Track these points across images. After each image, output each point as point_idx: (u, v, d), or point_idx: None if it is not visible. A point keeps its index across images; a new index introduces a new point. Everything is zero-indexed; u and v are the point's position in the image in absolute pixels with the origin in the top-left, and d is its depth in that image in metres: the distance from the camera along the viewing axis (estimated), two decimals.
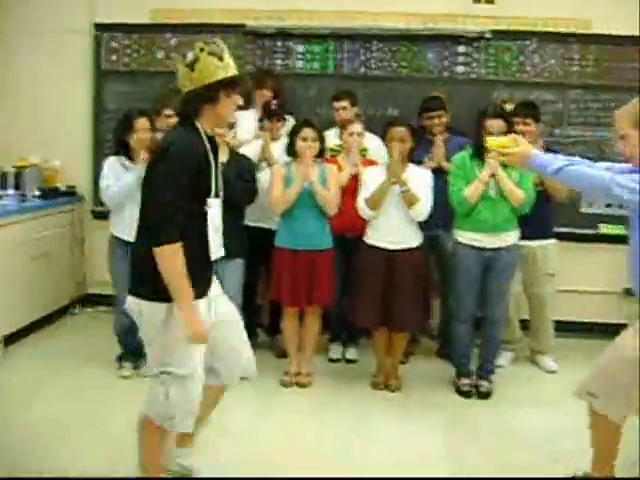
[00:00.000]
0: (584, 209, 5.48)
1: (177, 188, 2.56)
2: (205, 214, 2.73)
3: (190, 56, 2.63)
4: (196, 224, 2.70)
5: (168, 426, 2.78)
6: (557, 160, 2.82)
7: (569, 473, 3.19)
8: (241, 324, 3.03)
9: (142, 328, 2.77)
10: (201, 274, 2.72)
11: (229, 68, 2.65)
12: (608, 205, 5.39)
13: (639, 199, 2.65)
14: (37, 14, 5.71)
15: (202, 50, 2.61)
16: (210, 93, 2.64)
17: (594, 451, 3.02)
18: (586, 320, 5.55)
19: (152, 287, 2.64)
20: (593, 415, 2.97)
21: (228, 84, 2.65)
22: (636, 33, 5.27)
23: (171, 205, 2.55)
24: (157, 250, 2.56)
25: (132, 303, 2.73)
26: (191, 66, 2.62)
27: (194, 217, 2.68)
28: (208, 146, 2.71)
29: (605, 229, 5.48)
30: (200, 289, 2.69)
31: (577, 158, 3.08)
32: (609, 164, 3.09)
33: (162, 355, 2.70)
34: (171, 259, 2.56)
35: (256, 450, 3.47)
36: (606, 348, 2.97)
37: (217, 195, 2.79)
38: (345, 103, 4.83)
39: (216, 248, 2.89)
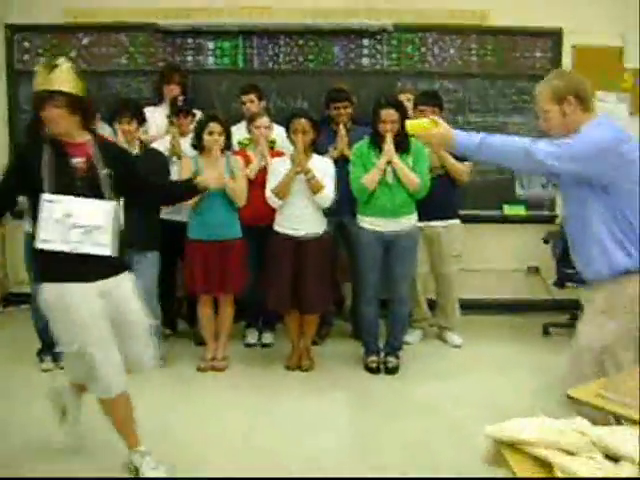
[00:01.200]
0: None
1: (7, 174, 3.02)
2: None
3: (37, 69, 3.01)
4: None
5: (90, 393, 3.11)
6: (477, 135, 2.82)
7: (463, 439, 3.41)
8: (145, 325, 3.24)
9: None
10: (46, 259, 2.93)
11: (50, 81, 2.94)
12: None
13: (577, 166, 2.65)
14: None
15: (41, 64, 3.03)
16: (35, 103, 3.02)
17: None
18: (492, 297, 5.84)
19: (36, 269, 2.95)
20: None
21: (48, 96, 2.94)
22: (530, 24, 5.58)
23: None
24: None
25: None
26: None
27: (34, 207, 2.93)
28: (46, 149, 2.96)
29: (508, 210, 5.78)
30: (53, 272, 2.93)
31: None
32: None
33: (59, 334, 3.00)
34: None
35: (172, 435, 3.60)
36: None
37: (88, 196, 2.98)
38: (252, 96, 5.00)
39: (91, 244, 2.99)
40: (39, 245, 2.91)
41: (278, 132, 4.83)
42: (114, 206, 3.05)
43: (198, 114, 4.93)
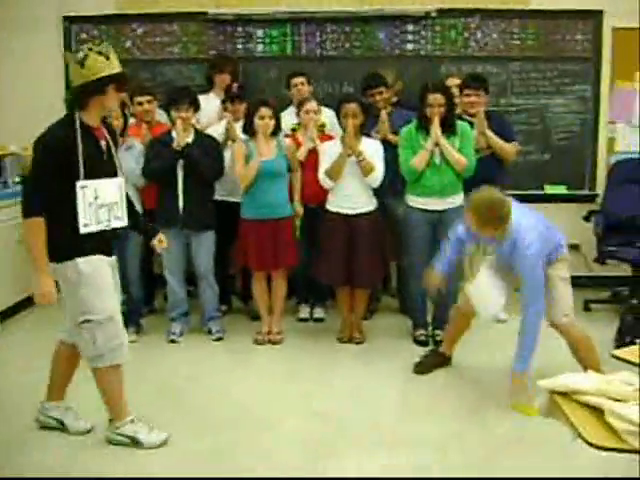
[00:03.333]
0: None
1: (42, 172, 3.06)
2: (73, 192, 3.09)
3: (80, 55, 3.08)
4: (68, 199, 3.09)
5: (100, 364, 3.27)
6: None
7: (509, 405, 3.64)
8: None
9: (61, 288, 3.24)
10: (80, 238, 3.12)
11: (114, 66, 3.12)
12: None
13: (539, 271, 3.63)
14: (8, 10, 5.99)
15: (90, 50, 3.08)
16: (100, 86, 3.09)
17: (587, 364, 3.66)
18: None
19: (55, 250, 3.11)
20: (568, 334, 3.88)
21: (114, 79, 3.11)
22: (570, 7, 5.70)
23: (35, 185, 3.10)
24: (24, 222, 3.09)
25: (51, 269, 3.17)
26: (82, 63, 3.06)
27: (65, 194, 3.07)
28: (79, 135, 3.09)
29: (550, 189, 5.92)
30: (88, 247, 3.14)
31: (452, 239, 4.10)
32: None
33: (80, 306, 3.17)
34: (31, 230, 3.06)
35: (234, 399, 3.88)
36: None
37: (112, 175, 3.25)
38: (302, 79, 5.22)
39: (99, 221, 3.20)
40: (83, 230, 3.13)
41: (327, 115, 5.03)
42: (123, 181, 3.34)
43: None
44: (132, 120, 5.07)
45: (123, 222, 3.31)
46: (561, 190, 5.90)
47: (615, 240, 5.20)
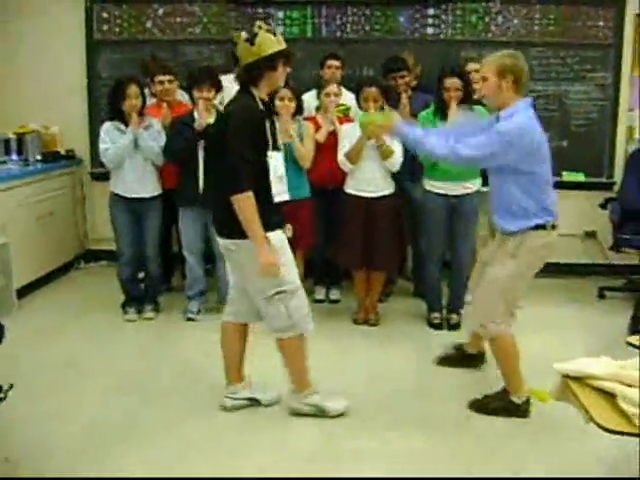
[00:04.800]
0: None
1: (245, 145, 3.13)
2: (266, 164, 3.25)
3: (249, 34, 3.19)
4: (261, 172, 3.23)
5: (292, 333, 3.40)
6: (417, 131, 3.53)
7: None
8: None
9: (239, 264, 3.38)
10: (270, 211, 3.26)
11: (282, 43, 3.22)
12: None
13: (492, 151, 3.25)
14: None
15: (260, 28, 3.19)
16: (270, 63, 3.18)
17: (504, 372, 3.57)
18: (550, 261, 5.99)
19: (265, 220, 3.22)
20: (491, 343, 3.57)
21: (284, 55, 3.22)
22: None
23: (242, 159, 3.12)
24: (235, 197, 3.13)
25: (230, 244, 3.31)
26: (251, 41, 3.17)
27: (259, 167, 3.20)
28: (262, 108, 3.24)
29: (567, 176, 5.92)
30: (275, 221, 3.28)
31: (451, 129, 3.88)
32: (483, 122, 3.71)
33: (273, 278, 3.25)
34: (245, 205, 3.12)
35: (254, 380, 3.85)
36: None
37: (277, 149, 3.34)
38: (337, 62, 5.27)
39: (280, 192, 3.39)
40: (276, 199, 3.31)
41: (348, 98, 5.05)
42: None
43: None
44: (153, 100, 5.12)
45: (287, 195, 3.46)
46: (579, 177, 5.90)
47: (631, 228, 5.19)
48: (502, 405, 3.48)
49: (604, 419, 1.91)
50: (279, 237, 3.30)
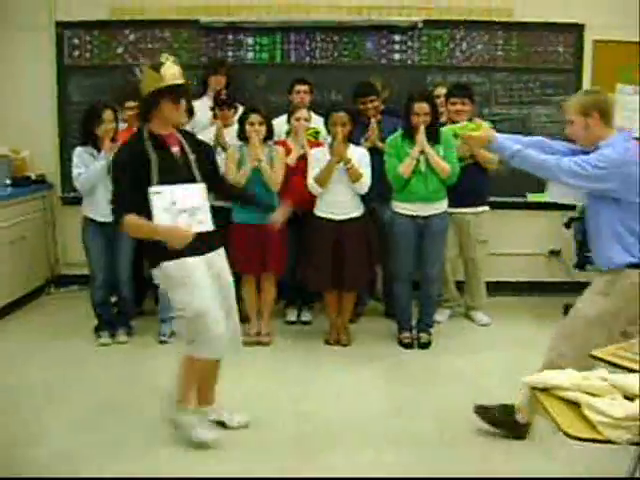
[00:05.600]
0: (550, 199, 5.55)
1: (122, 182, 3.25)
2: (146, 198, 3.20)
3: (139, 73, 3.27)
4: (146, 205, 3.22)
5: (193, 352, 3.40)
6: (513, 145, 3.32)
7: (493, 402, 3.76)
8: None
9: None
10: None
11: (165, 78, 3.21)
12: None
13: (588, 183, 3.15)
14: (1, 14, 6.07)
15: (143, 65, 3.28)
16: (151, 100, 3.24)
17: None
18: (516, 280, 6.16)
19: (151, 255, 3.36)
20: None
21: (164, 91, 3.22)
22: (552, 20, 5.88)
23: (117, 190, 3.27)
24: (121, 226, 3.25)
25: (154, 273, 3.41)
26: (140, 81, 3.26)
27: (144, 204, 3.20)
28: (150, 146, 3.26)
29: (532, 197, 6.07)
30: (172, 251, 3.23)
31: (538, 137, 3.63)
32: (566, 144, 3.50)
33: (177, 301, 3.37)
34: (133, 225, 3.24)
35: (226, 402, 3.88)
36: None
37: (187, 181, 3.33)
38: (306, 87, 5.38)
39: (197, 224, 3.33)
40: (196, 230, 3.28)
41: (318, 122, 5.15)
42: (205, 187, 3.40)
43: (240, 108, 5.23)
44: (123, 125, 5.17)
45: (208, 226, 3.38)
46: (543, 198, 6.04)
47: None
48: (504, 419, 3.50)
49: (570, 427, 2.00)
50: (180, 266, 3.29)
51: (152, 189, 3.20)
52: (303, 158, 4.91)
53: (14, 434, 3.55)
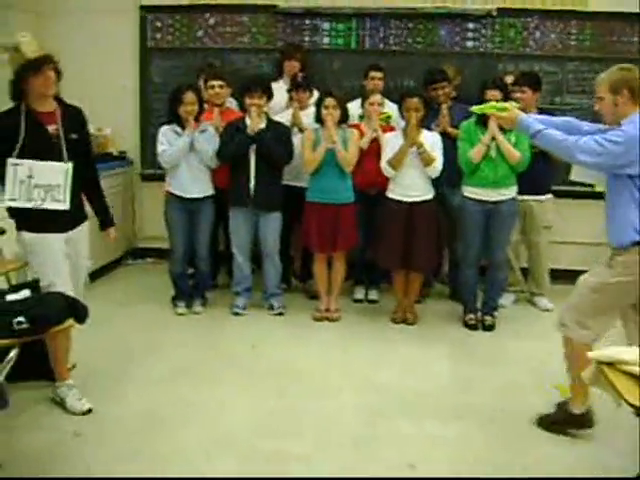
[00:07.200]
0: (574, 178, 5.69)
1: None
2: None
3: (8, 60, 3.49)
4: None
5: None
6: (537, 124, 3.38)
7: (548, 386, 3.89)
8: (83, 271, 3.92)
9: None
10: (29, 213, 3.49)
11: (24, 55, 3.40)
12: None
13: (603, 160, 3.14)
14: None
15: (6, 50, 3.50)
16: (19, 79, 3.43)
17: (570, 377, 3.45)
18: (581, 268, 6.17)
19: (17, 217, 3.60)
20: (566, 344, 3.44)
21: (27, 67, 3.40)
22: (627, 10, 5.87)
23: None
24: None
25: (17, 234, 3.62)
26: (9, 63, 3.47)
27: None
28: (23, 120, 3.43)
29: (599, 187, 6.08)
30: (36, 224, 3.51)
31: (568, 118, 3.70)
32: (594, 125, 3.52)
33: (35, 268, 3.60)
34: None
35: (297, 371, 4.19)
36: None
37: (57, 159, 3.52)
38: (380, 74, 5.52)
39: (51, 201, 3.53)
40: (8, 204, 3.48)
41: (391, 108, 5.30)
42: (71, 168, 3.56)
43: (316, 92, 5.41)
44: (205, 105, 5.39)
45: (64, 205, 3.55)
46: None
47: None
48: (562, 417, 3.49)
49: (633, 398, 2.14)
50: (37, 240, 3.52)
51: (11, 160, 3.40)
52: (375, 141, 5.07)
53: (99, 393, 3.80)
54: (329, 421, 3.60)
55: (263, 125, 4.93)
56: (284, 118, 5.29)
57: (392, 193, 4.92)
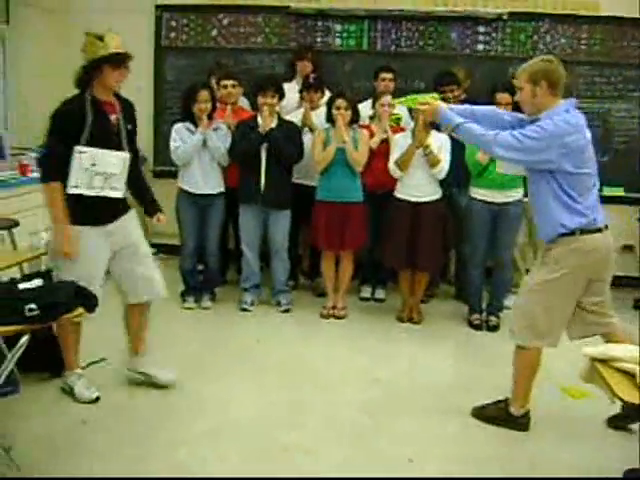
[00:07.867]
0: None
1: (53, 139, 3.44)
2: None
3: (83, 41, 3.47)
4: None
5: None
6: (457, 118, 3.44)
7: (553, 385, 3.95)
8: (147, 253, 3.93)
9: None
10: (75, 203, 3.48)
11: (108, 47, 3.41)
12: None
13: (522, 155, 3.20)
14: None
15: (88, 34, 3.46)
16: (94, 67, 3.43)
17: (513, 379, 3.61)
18: None
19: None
20: (516, 351, 3.56)
21: (108, 59, 3.42)
22: (638, 15, 5.90)
23: (48, 151, 3.50)
24: (42, 186, 3.50)
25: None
26: (83, 49, 3.47)
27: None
28: (89, 109, 3.43)
29: (607, 191, 6.13)
30: (90, 218, 3.52)
31: (490, 107, 3.81)
32: (516, 115, 3.58)
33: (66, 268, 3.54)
34: (51, 195, 3.46)
35: (303, 367, 4.27)
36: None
37: (116, 148, 3.56)
38: (390, 75, 5.58)
39: (109, 189, 3.56)
40: (71, 191, 3.46)
41: (401, 109, 5.35)
42: (129, 158, 3.63)
43: (327, 93, 5.47)
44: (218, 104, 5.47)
45: (119, 193, 3.61)
46: (618, 192, 6.11)
47: None
48: (499, 414, 3.59)
49: (625, 394, 2.19)
50: (75, 232, 3.49)
51: (78, 147, 3.43)
52: (385, 142, 5.13)
53: (107, 382, 3.90)
54: (333, 415, 3.66)
55: (274, 124, 5.00)
56: (295, 118, 5.36)
57: (399, 193, 4.99)
